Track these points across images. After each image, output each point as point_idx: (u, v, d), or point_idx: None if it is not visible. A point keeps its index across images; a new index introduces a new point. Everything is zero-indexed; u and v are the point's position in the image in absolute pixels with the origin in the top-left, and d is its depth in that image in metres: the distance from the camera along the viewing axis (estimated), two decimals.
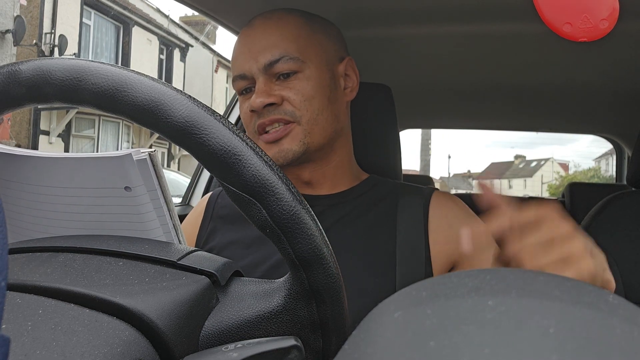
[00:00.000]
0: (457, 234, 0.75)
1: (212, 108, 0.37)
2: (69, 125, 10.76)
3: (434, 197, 0.79)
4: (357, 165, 0.86)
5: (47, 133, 10.35)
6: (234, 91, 0.91)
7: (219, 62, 15.45)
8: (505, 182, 43.39)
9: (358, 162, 0.90)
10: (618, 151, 2.35)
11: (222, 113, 1.30)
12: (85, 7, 10.90)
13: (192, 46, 14.45)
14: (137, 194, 0.42)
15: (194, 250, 0.42)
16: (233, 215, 0.82)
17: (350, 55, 0.86)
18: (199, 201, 0.91)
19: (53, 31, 9.82)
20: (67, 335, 0.29)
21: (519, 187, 41.70)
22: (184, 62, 14.23)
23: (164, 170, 0.44)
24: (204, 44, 15.46)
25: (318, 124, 0.74)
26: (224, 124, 0.36)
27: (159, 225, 0.44)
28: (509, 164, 46.50)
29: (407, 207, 0.77)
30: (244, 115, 0.77)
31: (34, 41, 9.63)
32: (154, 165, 0.42)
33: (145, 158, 0.41)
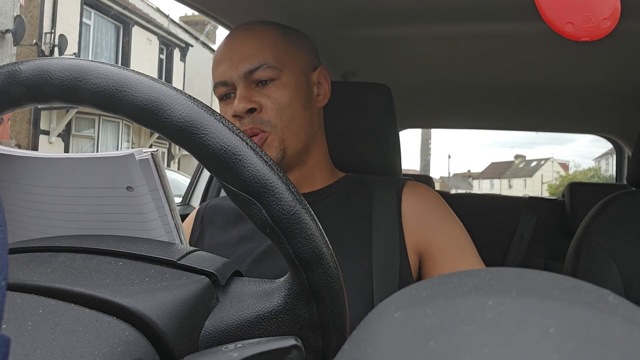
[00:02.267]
0: (427, 222, 0.79)
1: (212, 108, 0.37)
2: (69, 125, 10.75)
3: (406, 187, 0.83)
4: (333, 165, 0.92)
5: (47, 133, 10.35)
6: None
7: None
8: (505, 181, 43.41)
9: (358, 162, 0.91)
10: (618, 151, 2.35)
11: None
12: (85, 6, 10.89)
13: (192, 46, 14.45)
14: (139, 193, 0.42)
15: (194, 250, 0.42)
16: (221, 219, 0.88)
17: (350, 55, 0.87)
18: (189, 214, 0.96)
19: (53, 31, 9.82)
20: (67, 335, 0.29)
21: (519, 187, 41.71)
22: (184, 62, 14.22)
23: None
24: (204, 44, 15.46)
25: (291, 130, 0.79)
26: (224, 124, 0.36)
27: (160, 225, 0.44)
28: (509, 164, 46.48)
29: (381, 198, 0.82)
30: None
31: (34, 41, 9.63)
32: (156, 165, 0.42)
33: (148, 158, 0.41)
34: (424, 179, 2.19)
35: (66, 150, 10.61)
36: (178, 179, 7.00)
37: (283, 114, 0.78)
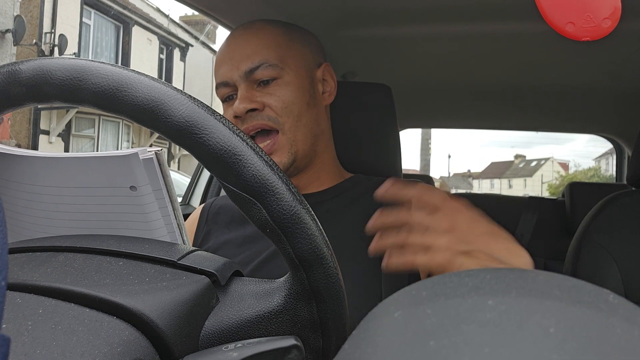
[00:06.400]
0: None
1: (212, 108, 0.37)
2: (69, 124, 10.75)
3: None
4: (340, 166, 0.90)
5: (47, 133, 10.34)
6: None
7: None
8: (505, 181, 43.41)
9: (359, 162, 0.91)
10: (618, 151, 2.35)
11: (222, 113, 1.30)
12: (85, 6, 10.88)
13: (192, 46, 14.44)
14: (142, 193, 0.42)
15: (194, 250, 0.42)
16: (226, 219, 0.86)
17: (350, 55, 0.86)
18: (194, 211, 0.94)
19: (53, 31, 9.81)
20: (67, 335, 0.29)
21: (519, 187, 41.69)
22: (184, 61, 14.22)
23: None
24: (204, 44, 15.45)
25: (300, 129, 0.77)
26: (224, 124, 0.36)
27: (163, 225, 0.44)
28: (509, 164, 46.48)
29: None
30: None
31: (34, 41, 9.62)
32: (160, 165, 0.42)
33: (152, 157, 0.41)
34: (424, 179, 2.19)
35: (66, 150, 10.61)
36: (178, 179, 7.01)
37: (289, 112, 0.76)
